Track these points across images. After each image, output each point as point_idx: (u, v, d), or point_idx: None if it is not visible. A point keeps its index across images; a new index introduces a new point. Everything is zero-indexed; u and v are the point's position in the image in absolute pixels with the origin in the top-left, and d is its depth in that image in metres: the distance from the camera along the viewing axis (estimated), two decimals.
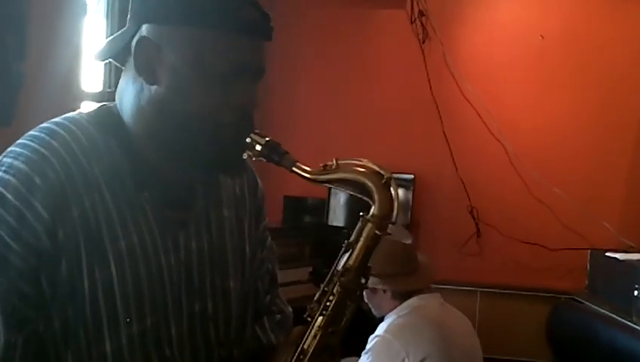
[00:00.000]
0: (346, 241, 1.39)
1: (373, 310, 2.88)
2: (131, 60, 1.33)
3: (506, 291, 4.82)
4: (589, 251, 4.30)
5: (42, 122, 1.35)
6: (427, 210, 5.01)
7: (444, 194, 5.03)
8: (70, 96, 2.98)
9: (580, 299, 4.02)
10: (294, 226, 4.72)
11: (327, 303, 1.36)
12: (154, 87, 1.31)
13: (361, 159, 1.40)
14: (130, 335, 1.29)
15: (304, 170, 1.37)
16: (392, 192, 1.38)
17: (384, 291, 2.78)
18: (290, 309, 1.69)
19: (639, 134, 4.80)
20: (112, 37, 1.39)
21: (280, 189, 4.73)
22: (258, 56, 1.37)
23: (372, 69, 5.14)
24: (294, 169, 1.37)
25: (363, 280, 1.39)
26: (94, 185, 1.28)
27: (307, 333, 1.36)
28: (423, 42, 5.01)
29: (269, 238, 1.66)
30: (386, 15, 5.14)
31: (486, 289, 4.84)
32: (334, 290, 1.36)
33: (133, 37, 1.33)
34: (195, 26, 1.29)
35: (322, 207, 4.85)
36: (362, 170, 1.38)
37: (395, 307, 2.77)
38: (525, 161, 4.85)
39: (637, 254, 3.97)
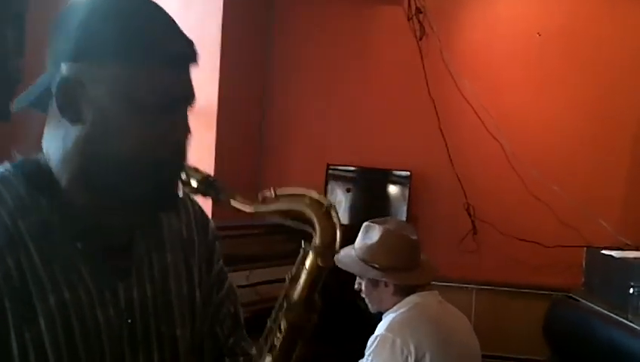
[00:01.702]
0: (288, 274, 1.35)
1: (370, 305, 2.87)
2: (54, 104, 1.24)
3: (502, 288, 4.83)
4: (586, 249, 4.30)
5: (40, 117, 1.30)
6: (424, 207, 5.02)
7: (440, 192, 5.04)
8: None
9: (576, 297, 4.02)
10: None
11: (275, 340, 1.32)
12: (79, 128, 1.22)
13: (300, 188, 1.34)
14: None
15: (242, 204, 1.31)
16: (334, 220, 1.32)
17: (386, 285, 2.78)
18: (255, 351, 1.53)
19: (637, 132, 4.80)
20: (32, 85, 1.29)
21: (277, 186, 4.74)
22: (187, 85, 1.28)
23: (369, 66, 5.14)
24: (233, 204, 1.31)
25: (312, 315, 1.33)
26: (19, 242, 1.20)
27: None
28: (420, 39, 5.02)
29: (228, 280, 1.56)
30: (383, 12, 5.14)
31: (482, 287, 4.85)
32: (281, 327, 1.32)
33: (52, 78, 1.23)
34: (120, 61, 1.21)
35: None
36: (301, 199, 1.33)
37: (395, 303, 2.77)
38: (522, 159, 4.86)
39: (633, 252, 3.98)
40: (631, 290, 3.51)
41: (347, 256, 2.85)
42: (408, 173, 4.92)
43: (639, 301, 3.48)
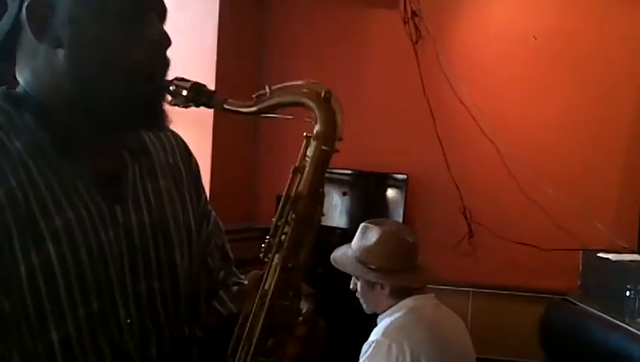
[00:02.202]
0: (293, 166, 1.32)
1: (365, 306, 2.85)
2: (26, 35, 1.24)
3: (498, 291, 4.83)
4: (582, 252, 4.30)
5: None
6: (420, 210, 5.02)
7: (436, 195, 5.03)
8: None
9: (572, 300, 4.02)
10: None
11: (283, 236, 1.28)
12: (59, 50, 1.22)
13: (294, 81, 1.34)
14: (78, 321, 1.18)
15: (237, 105, 1.28)
16: (334, 106, 1.33)
17: (382, 287, 2.76)
18: (247, 283, 1.56)
19: (632, 135, 4.81)
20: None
21: (273, 189, 4.73)
22: None
23: (365, 69, 5.14)
24: (226, 107, 1.28)
25: (319, 207, 1.30)
26: (18, 161, 1.19)
27: (265, 273, 1.29)
28: (416, 42, 5.01)
29: (213, 213, 1.56)
30: (378, 15, 5.14)
31: (479, 290, 4.84)
32: (289, 219, 1.27)
33: (20, 10, 1.23)
34: None
35: None
36: (297, 90, 1.33)
37: (391, 306, 2.76)
38: (518, 162, 4.86)
39: (629, 255, 3.98)
40: (627, 293, 3.52)
41: (344, 255, 2.84)
42: (405, 176, 4.91)
43: (635, 304, 3.48)
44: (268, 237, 1.29)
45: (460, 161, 4.96)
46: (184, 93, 1.26)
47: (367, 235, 2.82)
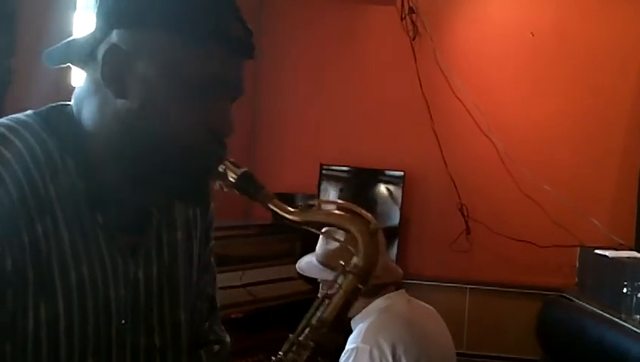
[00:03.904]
0: (320, 293, 1.28)
1: None
2: (96, 67, 1.18)
3: (495, 288, 4.82)
4: (579, 248, 4.31)
5: None
6: (417, 207, 5.02)
7: (433, 191, 5.04)
8: (60, 92, 2.97)
9: (569, 296, 4.03)
10: (285, 223, 4.70)
11: (297, 357, 1.25)
12: (121, 102, 1.16)
13: (346, 203, 1.28)
14: None
15: (282, 208, 1.26)
16: (379, 244, 1.25)
17: None
18: (229, 339, 1.54)
19: (629, 132, 4.81)
20: (69, 39, 1.24)
21: (269, 186, 4.72)
22: (236, 74, 1.23)
23: (362, 66, 5.13)
24: (270, 206, 1.26)
25: (339, 336, 1.29)
26: (48, 207, 1.14)
27: None
28: (413, 39, 5.01)
29: (212, 261, 1.51)
30: (376, 12, 5.13)
31: (475, 286, 4.84)
32: (307, 344, 1.25)
33: (100, 42, 1.18)
34: (174, 35, 1.15)
35: None
36: (347, 215, 1.26)
37: (363, 307, 2.72)
38: (515, 158, 4.86)
39: (626, 252, 3.99)
40: (624, 290, 3.52)
41: (309, 263, 2.81)
42: (402, 173, 4.91)
43: (632, 300, 3.48)
44: (281, 353, 1.27)
45: (456, 157, 4.96)
46: (232, 178, 1.25)
47: (329, 240, 2.78)
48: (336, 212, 1.26)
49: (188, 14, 1.16)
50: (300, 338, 1.26)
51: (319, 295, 1.30)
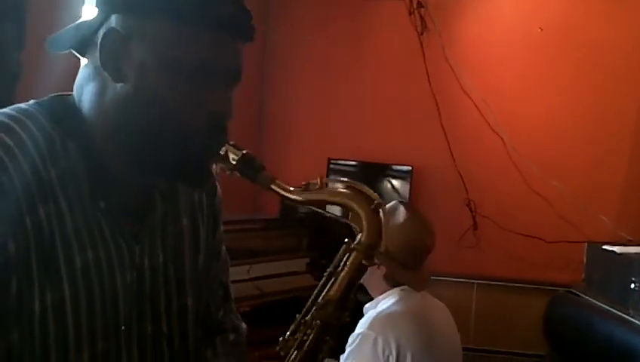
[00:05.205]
0: (327, 270, 1.27)
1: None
2: (95, 53, 1.20)
3: (502, 283, 4.82)
4: (586, 244, 4.30)
5: None
6: (424, 202, 5.01)
7: (441, 187, 5.04)
8: (69, 84, 2.98)
9: (576, 292, 4.02)
10: (292, 217, 4.73)
11: (305, 337, 1.26)
12: (119, 85, 1.18)
13: (349, 181, 1.27)
14: None
15: (284, 188, 1.24)
16: (382, 219, 1.23)
17: (378, 267, 2.71)
18: (244, 326, 1.55)
19: (637, 127, 4.79)
20: (73, 25, 1.25)
21: (277, 179, 4.74)
22: (234, 56, 1.24)
23: (370, 61, 5.14)
24: (272, 187, 1.24)
25: (345, 314, 1.26)
26: (50, 192, 1.15)
27: None
28: (422, 34, 5.01)
29: (224, 248, 1.53)
30: (384, 7, 5.13)
31: (483, 282, 4.84)
32: (313, 323, 1.25)
33: (100, 27, 1.20)
34: (170, 19, 1.17)
35: None
36: (349, 192, 1.24)
37: (381, 291, 2.72)
38: (523, 154, 4.85)
39: (634, 247, 3.97)
40: (632, 286, 3.51)
41: None
42: (409, 167, 4.92)
43: None
44: (288, 332, 1.28)
45: (464, 152, 4.95)
46: (233, 160, 1.23)
47: (394, 215, 2.73)
48: (339, 190, 1.24)
49: (182, 0, 1.18)
50: (307, 318, 1.26)
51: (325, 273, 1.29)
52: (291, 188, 1.24)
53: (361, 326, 2.61)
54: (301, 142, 5.23)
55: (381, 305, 2.69)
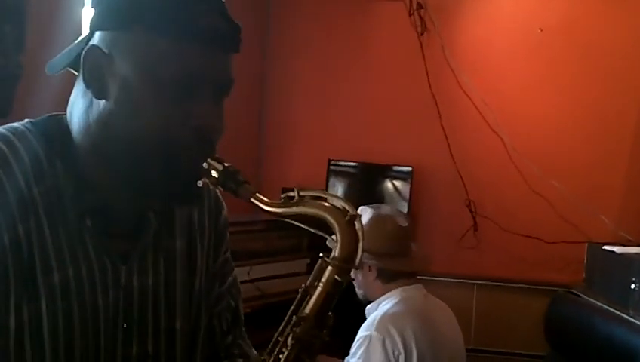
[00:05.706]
0: (302, 285, 1.25)
1: (357, 291, 2.82)
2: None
3: (503, 284, 4.82)
4: (587, 244, 4.30)
5: (41, 114, 1.27)
6: (425, 203, 5.02)
7: (441, 187, 5.03)
8: (69, 87, 2.98)
9: (577, 292, 4.02)
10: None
11: (280, 356, 1.23)
12: (102, 102, 1.16)
13: (326, 192, 1.27)
14: None
15: (263, 201, 1.23)
16: (358, 232, 1.22)
17: (369, 269, 2.74)
18: (255, 353, 1.48)
19: (638, 127, 4.79)
20: (69, 47, 1.25)
21: (278, 181, 4.74)
22: (219, 68, 1.20)
23: (370, 62, 5.13)
24: (252, 200, 1.22)
25: (323, 332, 1.23)
26: (31, 209, 1.15)
27: None
28: (422, 35, 5.00)
29: (234, 272, 1.50)
30: (384, 7, 5.13)
31: (483, 282, 4.84)
32: (288, 342, 1.22)
33: (86, 45, 1.19)
34: (149, 32, 1.13)
35: None
36: (326, 204, 1.23)
37: (381, 293, 2.73)
38: (523, 154, 4.85)
39: (634, 248, 3.97)
40: (632, 286, 3.51)
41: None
42: (410, 168, 4.92)
43: None
44: (266, 351, 1.26)
45: (464, 153, 4.95)
46: (214, 174, 1.22)
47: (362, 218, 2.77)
48: (316, 202, 1.23)
49: (162, 12, 1.14)
50: (280, 338, 1.24)
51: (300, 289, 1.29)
52: (270, 202, 1.23)
53: (366, 328, 2.63)
54: (301, 143, 5.23)
55: (382, 306, 2.70)
